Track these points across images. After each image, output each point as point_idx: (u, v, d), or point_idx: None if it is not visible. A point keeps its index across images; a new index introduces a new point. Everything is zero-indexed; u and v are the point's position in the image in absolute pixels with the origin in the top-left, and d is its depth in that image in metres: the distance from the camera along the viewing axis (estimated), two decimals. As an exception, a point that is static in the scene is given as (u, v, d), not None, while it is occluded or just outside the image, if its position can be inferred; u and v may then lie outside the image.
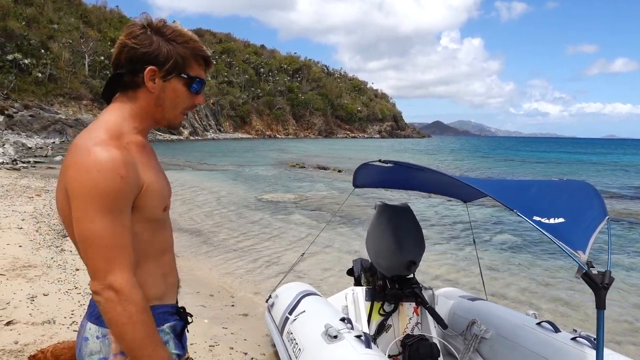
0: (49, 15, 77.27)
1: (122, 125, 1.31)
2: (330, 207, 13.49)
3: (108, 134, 1.25)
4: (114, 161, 1.18)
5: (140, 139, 1.34)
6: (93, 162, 1.17)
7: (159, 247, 1.37)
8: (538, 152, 75.36)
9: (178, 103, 1.37)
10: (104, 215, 1.17)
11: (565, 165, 41.58)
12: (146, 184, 1.27)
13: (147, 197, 1.27)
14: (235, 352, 3.98)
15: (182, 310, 1.47)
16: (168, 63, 1.31)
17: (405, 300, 3.30)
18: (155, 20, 1.34)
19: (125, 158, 1.21)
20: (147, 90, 1.32)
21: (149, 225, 1.32)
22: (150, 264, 1.34)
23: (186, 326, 1.47)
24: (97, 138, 1.22)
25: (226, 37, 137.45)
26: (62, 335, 3.82)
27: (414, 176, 3.73)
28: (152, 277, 1.35)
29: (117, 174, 1.18)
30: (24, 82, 59.63)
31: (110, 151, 1.19)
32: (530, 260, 8.13)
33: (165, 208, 1.36)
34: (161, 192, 1.34)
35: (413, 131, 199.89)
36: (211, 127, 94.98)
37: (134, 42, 1.29)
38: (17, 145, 34.52)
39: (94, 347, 1.29)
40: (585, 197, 2.47)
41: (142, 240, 1.30)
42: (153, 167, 1.34)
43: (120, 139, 1.26)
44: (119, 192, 1.18)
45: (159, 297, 1.37)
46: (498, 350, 3.06)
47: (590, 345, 2.56)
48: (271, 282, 6.09)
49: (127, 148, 1.25)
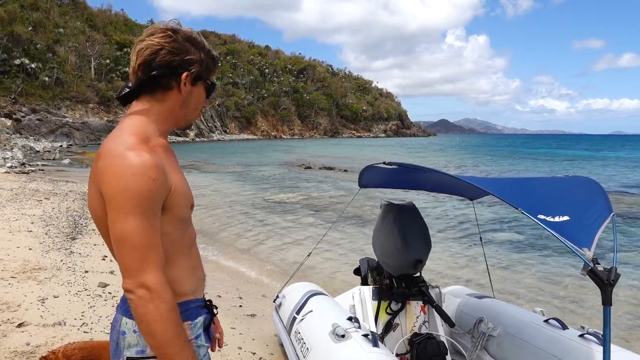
0: (55, 20, 77.84)
1: (147, 129, 1.36)
2: (337, 207, 13.51)
3: (137, 138, 1.30)
4: (145, 165, 1.24)
5: (163, 142, 1.41)
6: (127, 167, 1.23)
7: (187, 243, 1.43)
8: (544, 148, 74.95)
9: (198, 105, 1.48)
10: (136, 216, 1.22)
11: (571, 161, 41.35)
12: (174, 185, 1.33)
13: (176, 197, 1.34)
14: (244, 352, 4.00)
15: (209, 302, 1.53)
16: (199, 70, 1.41)
17: (412, 299, 3.31)
18: (184, 28, 1.42)
19: (155, 161, 1.26)
20: (177, 92, 1.40)
21: (179, 224, 1.38)
22: (182, 260, 1.40)
23: (212, 319, 1.53)
24: (128, 143, 1.27)
25: (231, 38, 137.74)
26: (73, 336, 3.86)
27: (418, 176, 3.74)
28: (184, 272, 1.41)
29: (149, 177, 1.23)
30: (31, 86, 60.15)
31: (142, 155, 1.25)
32: (537, 257, 8.11)
33: (192, 206, 1.44)
34: (186, 191, 1.39)
35: (419, 130, 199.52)
36: (217, 129, 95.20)
37: (172, 46, 1.35)
38: (25, 149, 34.78)
39: (132, 340, 1.35)
40: (590, 193, 2.48)
41: (173, 238, 1.36)
42: (176, 168, 1.41)
43: (148, 143, 1.32)
44: (150, 194, 1.24)
45: (193, 292, 1.43)
46: (506, 347, 3.07)
47: (598, 342, 2.56)
48: (278, 282, 6.12)
49: (155, 151, 1.31)
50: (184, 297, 1.40)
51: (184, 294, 1.40)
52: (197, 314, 1.43)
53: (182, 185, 1.37)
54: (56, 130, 53.42)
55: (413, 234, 3.24)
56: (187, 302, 1.40)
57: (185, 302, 1.40)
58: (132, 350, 1.35)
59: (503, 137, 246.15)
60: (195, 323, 1.42)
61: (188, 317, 1.40)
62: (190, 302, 1.41)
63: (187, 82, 1.40)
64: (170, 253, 1.35)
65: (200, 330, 1.43)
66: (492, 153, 56.24)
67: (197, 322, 1.42)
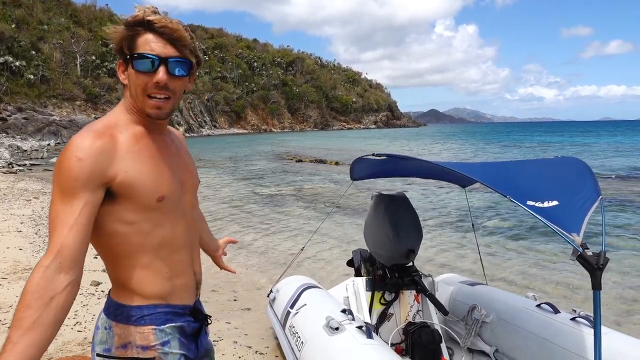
0: (39, 16, 76.79)
1: (119, 118, 1.34)
2: (329, 199, 13.51)
3: (100, 125, 1.29)
4: (77, 146, 1.20)
5: (140, 130, 1.34)
6: (64, 150, 1.21)
7: (158, 242, 1.34)
8: (532, 135, 75.40)
9: (137, 88, 1.30)
10: (57, 195, 1.19)
11: (558, 147, 41.66)
12: (128, 173, 1.25)
13: (132, 186, 1.26)
14: (239, 346, 4.01)
15: (198, 311, 1.46)
16: (116, 48, 1.31)
17: (405, 288, 3.33)
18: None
19: (90, 144, 1.20)
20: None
21: (146, 216, 1.30)
22: (144, 259, 1.32)
23: (202, 328, 1.47)
24: (85, 130, 1.26)
25: (218, 32, 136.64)
26: (67, 335, 3.85)
27: (409, 164, 3.75)
28: (149, 273, 1.33)
29: (75, 157, 1.18)
30: (16, 84, 59.35)
31: (82, 139, 1.22)
32: (528, 243, 8.17)
33: (161, 199, 1.31)
34: (151, 182, 1.29)
35: (409, 120, 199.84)
36: (206, 124, 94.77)
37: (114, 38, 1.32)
38: (12, 148, 34.37)
39: (102, 337, 1.34)
40: (579, 176, 2.48)
41: (136, 230, 1.29)
42: (149, 157, 1.32)
43: (112, 129, 1.28)
44: (71, 173, 1.18)
45: (162, 297, 1.36)
46: (499, 333, 3.10)
47: (590, 325, 2.59)
48: (272, 274, 6.13)
49: (112, 136, 1.26)
50: (147, 301, 1.33)
51: (146, 297, 1.33)
52: (166, 320, 1.35)
53: (146, 176, 1.28)
54: (43, 128, 52.79)
55: (404, 224, 3.25)
56: (153, 306, 1.33)
57: (148, 306, 1.33)
58: (101, 347, 1.33)
59: (493, 125, 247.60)
60: (161, 329, 1.34)
61: (152, 322, 1.33)
62: (157, 307, 1.34)
63: (122, 70, 1.33)
64: (130, 247, 1.29)
65: (169, 337, 1.35)
66: (485, 140, 56.53)
67: (164, 329, 1.34)
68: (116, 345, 1.31)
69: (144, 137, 1.34)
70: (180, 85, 1.33)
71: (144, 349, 1.31)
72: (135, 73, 1.29)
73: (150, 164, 1.31)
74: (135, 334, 1.31)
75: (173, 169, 1.39)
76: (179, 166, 1.43)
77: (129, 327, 1.32)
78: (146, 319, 1.32)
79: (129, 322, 1.32)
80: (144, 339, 1.31)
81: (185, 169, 1.47)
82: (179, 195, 1.40)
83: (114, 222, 1.28)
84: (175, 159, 1.43)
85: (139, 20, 1.26)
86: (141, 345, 1.31)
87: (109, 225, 1.28)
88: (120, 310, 1.33)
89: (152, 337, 1.32)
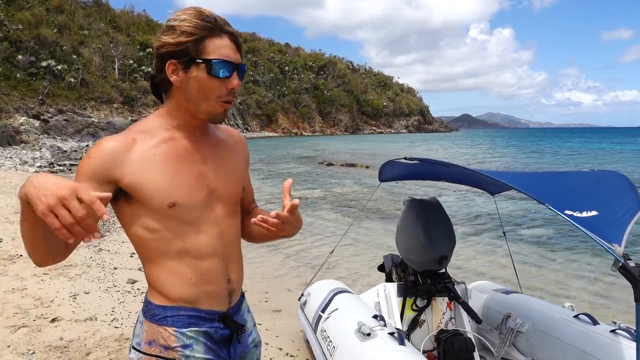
0: (80, 22, 79.59)
1: (152, 124, 1.35)
2: (360, 203, 13.48)
3: (136, 128, 1.34)
4: (94, 146, 1.28)
5: (171, 134, 1.34)
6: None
7: (179, 250, 1.34)
8: (569, 142, 73.33)
9: (205, 91, 1.29)
10: None
11: (595, 154, 40.38)
12: (130, 175, 1.26)
13: (138, 189, 1.27)
14: (271, 348, 4.04)
15: (230, 319, 1.44)
16: (174, 51, 1.27)
17: (437, 295, 3.29)
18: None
19: (107, 146, 1.26)
20: (176, 85, 1.31)
21: (165, 225, 1.31)
22: (170, 264, 1.34)
23: (234, 335, 1.45)
24: (118, 133, 1.34)
25: (251, 36, 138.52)
26: (104, 331, 3.97)
27: (438, 169, 3.72)
28: (174, 278, 1.34)
29: (88, 155, 1.27)
30: (57, 87, 61.59)
31: (103, 140, 1.29)
32: (564, 252, 7.96)
33: (172, 205, 1.29)
34: (160, 187, 1.28)
35: (441, 125, 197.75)
36: (238, 127, 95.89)
37: (157, 43, 1.32)
38: (53, 148, 35.63)
39: (137, 330, 1.39)
40: (618, 187, 2.42)
41: (159, 238, 1.31)
42: (164, 162, 1.30)
43: (140, 134, 1.32)
44: (82, 168, 1.26)
45: (187, 301, 1.36)
46: (535, 344, 3.03)
47: (631, 338, 2.51)
48: (303, 278, 6.16)
49: (132, 140, 1.29)
50: (171, 302, 1.35)
51: (170, 299, 1.35)
52: (189, 323, 1.35)
53: (155, 181, 1.28)
54: (82, 130, 54.53)
55: (437, 230, 3.20)
56: (176, 308, 1.35)
57: (172, 308, 1.35)
58: (135, 340, 1.38)
59: (528, 131, 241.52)
60: (182, 332, 1.34)
61: (174, 324, 1.34)
62: (180, 309, 1.35)
63: (172, 71, 1.28)
64: (153, 250, 1.33)
65: (191, 341, 1.35)
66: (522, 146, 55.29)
67: (185, 332, 1.34)
68: (144, 341, 1.35)
69: (172, 140, 1.34)
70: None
71: (165, 348, 1.33)
72: (209, 78, 1.27)
73: (163, 169, 1.30)
74: (159, 332, 1.34)
75: (197, 176, 1.35)
76: (210, 173, 1.38)
77: (154, 325, 1.35)
78: (168, 320, 1.34)
79: (154, 320, 1.35)
80: (166, 340, 1.34)
81: (221, 176, 1.42)
82: (204, 202, 1.36)
83: (138, 228, 1.31)
84: (207, 165, 1.38)
85: (212, 23, 1.28)
86: (163, 345, 1.33)
87: (134, 230, 1.32)
88: (148, 307, 1.37)
89: (173, 339, 1.34)
